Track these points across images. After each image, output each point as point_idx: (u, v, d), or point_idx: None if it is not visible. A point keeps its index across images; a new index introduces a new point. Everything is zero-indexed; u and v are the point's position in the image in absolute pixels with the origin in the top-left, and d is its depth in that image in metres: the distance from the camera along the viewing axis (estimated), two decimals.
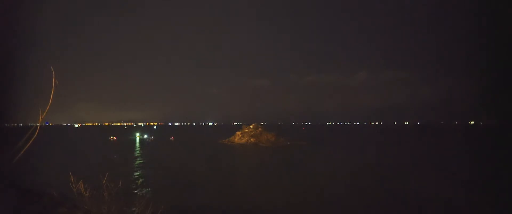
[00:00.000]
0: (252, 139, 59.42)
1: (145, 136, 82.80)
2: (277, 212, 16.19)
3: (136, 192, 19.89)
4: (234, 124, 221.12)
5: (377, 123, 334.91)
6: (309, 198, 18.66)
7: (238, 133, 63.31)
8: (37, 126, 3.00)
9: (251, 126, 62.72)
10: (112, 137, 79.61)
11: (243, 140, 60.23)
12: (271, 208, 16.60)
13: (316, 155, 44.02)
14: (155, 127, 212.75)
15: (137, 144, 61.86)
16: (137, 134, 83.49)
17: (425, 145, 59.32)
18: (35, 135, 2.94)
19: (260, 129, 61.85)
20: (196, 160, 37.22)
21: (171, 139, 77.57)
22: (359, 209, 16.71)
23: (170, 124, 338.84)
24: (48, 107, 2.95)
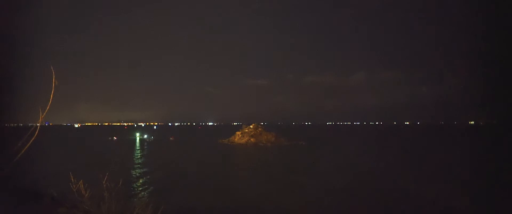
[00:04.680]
0: (252, 139, 59.41)
1: (145, 136, 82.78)
2: (278, 212, 16.19)
3: (136, 192, 19.90)
4: (234, 124, 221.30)
5: (377, 123, 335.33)
6: (309, 198, 18.66)
7: (238, 133, 63.29)
8: (37, 126, 3.00)
9: (251, 126, 62.72)
10: (112, 137, 79.66)
11: (243, 140, 60.21)
12: (272, 208, 16.60)
13: (316, 155, 44.02)
14: (155, 127, 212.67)
15: (137, 144, 61.84)
16: (137, 134, 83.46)
17: (425, 144, 59.33)
18: (35, 135, 2.94)
19: (260, 129, 61.83)
20: (196, 160, 37.21)
21: (171, 139, 77.56)
22: (359, 209, 16.72)
23: (170, 124, 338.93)
24: (48, 107, 2.95)
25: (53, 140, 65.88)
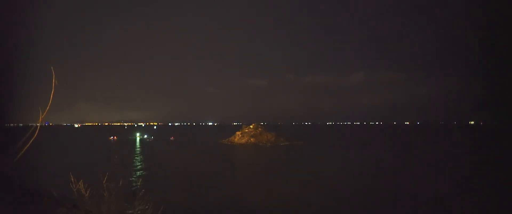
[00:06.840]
0: (252, 139, 59.42)
1: (145, 136, 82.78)
2: (277, 212, 16.18)
3: (136, 192, 19.86)
4: (234, 124, 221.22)
5: (377, 123, 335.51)
6: (309, 197, 18.66)
7: (238, 133, 63.30)
8: (37, 126, 3.00)
9: (251, 126, 62.73)
10: (112, 137, 79.63)
11: (243, 140, 60.22)
12: (271, 207, 16.59)
13: (315, 154, 44.00)
14: (155, 127, 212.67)
15: (137, 144, 61.83)
16: (137, 134, 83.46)
17: (425, 144, 59.28)
18: (35, 135, 2.94)
19: (260, 129, 61.85)
20: (196, 160, 37.20)
21: (171, 139, 77.55)
22: (358, 208, 16.71)
23: (170, 124, 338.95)
24: (48, 107, 2.95)
25: (53, 140, 65.88)
